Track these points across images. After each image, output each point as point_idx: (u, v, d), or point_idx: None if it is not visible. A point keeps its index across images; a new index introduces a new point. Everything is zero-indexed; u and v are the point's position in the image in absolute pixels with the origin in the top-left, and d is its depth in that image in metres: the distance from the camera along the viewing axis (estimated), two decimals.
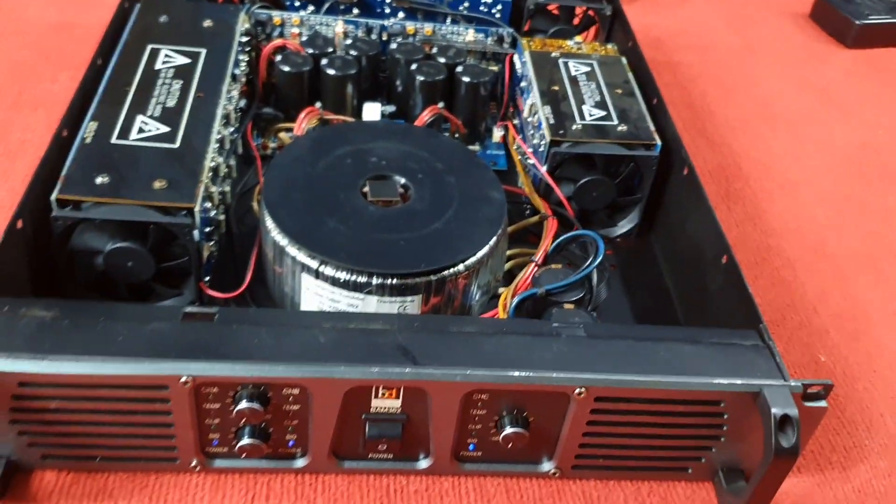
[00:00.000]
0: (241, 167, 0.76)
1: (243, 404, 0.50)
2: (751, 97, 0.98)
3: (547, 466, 0.56)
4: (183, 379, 0.48)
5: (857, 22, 1.10)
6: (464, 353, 0.52)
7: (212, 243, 0.64)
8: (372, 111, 0.79)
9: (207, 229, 0.63)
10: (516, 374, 0.51)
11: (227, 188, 0.69)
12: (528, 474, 0.57)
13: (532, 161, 0.74)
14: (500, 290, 0.67)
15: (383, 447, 0.54)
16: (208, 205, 0.63)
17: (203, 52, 0.74)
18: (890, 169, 0.90)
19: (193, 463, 0.53)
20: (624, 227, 0.76)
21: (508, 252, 0.69)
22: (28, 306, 0.51)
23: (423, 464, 0.55)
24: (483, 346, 0.52)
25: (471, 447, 0.55)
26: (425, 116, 0.75)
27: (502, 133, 0.83)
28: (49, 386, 0.48)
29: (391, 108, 0.81)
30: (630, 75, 0.80)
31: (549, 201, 0.72)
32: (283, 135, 0.78)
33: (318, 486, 0.55)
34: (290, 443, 0.54)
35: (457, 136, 0.80)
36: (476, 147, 0.82)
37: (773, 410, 0.50)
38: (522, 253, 0.70)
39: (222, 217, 0.67)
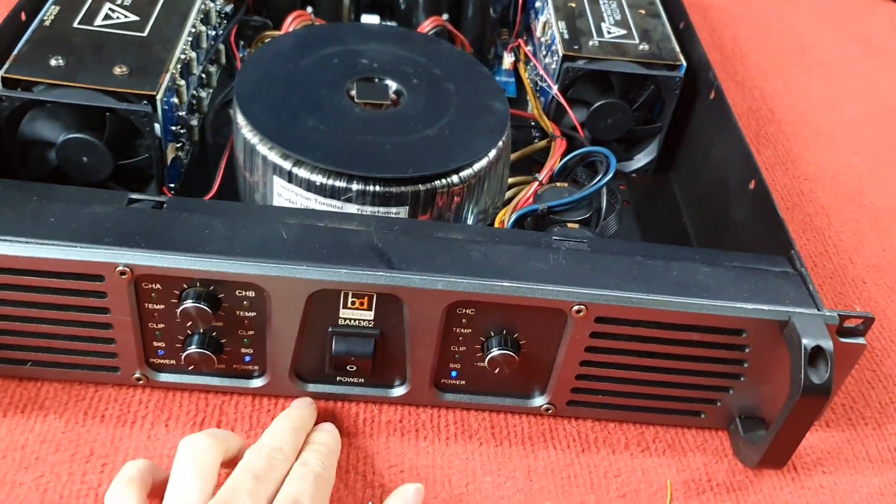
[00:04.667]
0: (224, 79, 0.69)
1: (189, 304, 0.43)
2: (786, 42, 0.91)
3: (539, 401, 0.49)
4: (120, 268, 0.42)
5: None
6: (448, 261, 0.45)
7: (179, 145, 0.58)
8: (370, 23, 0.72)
9: (174, 128, 0.57)
10: (506, 284, 0.44)
11: (205, 95, 0.63)
12: (516, 409, 0.50)
13: (545, 84, 0.67)
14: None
15: (353, 368, 0.47)
16: (175, 100, 0.56)
17: None
18: None
19: (137, 375, 0.47)
20: (641, 161, 0.69)
21: (511, 180, 0.61)
22: None
23: (398, 391, 0.49)
24: (471, 255, 0.45)
25: (453, 374, 0.48)
26: (426, 26, 0.69)
27: (513, 59, 0.76)
28: None
29: (393, 24, 0.74)
30: None
31: (559, 126, 0.65)
32: None
33: (277, 412, 0.48)
34: (246, 358, 0.47)
35: None
36: None
37: (804, 341, 0.43)
38: (526, 181, 0.63)
39: (195, 122, 0.60)
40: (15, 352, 0.46)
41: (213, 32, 0.66)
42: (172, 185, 0.57)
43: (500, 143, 0.56)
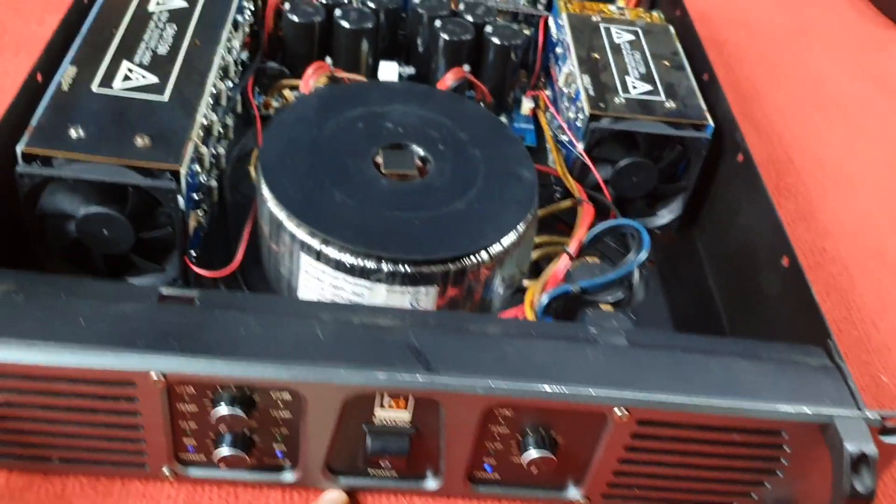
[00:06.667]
0: (240, 128, 0.68)
1: (223, 409, 0.42)
2: (802, 82, 0.90)
3: (573, 493, 0.49)
4: (153, 376, 0.41)
5: None
6: (485, 360, 0.44)
7: (200, 212, 0.56)
8: (388, 71, 0.70)
9: (196, 196, 0.55)
10: (548, 388, 0.43)
11: (222, 150, 0.61)
12: (550, 501, 0.49)
13: (567, 137, 0.66)
14: (525, 282, 0.59)
15: (386, 463, 0.46)
16: (197, 168, 0.55)
17: None
18: None
19: (165, 470, 0.46)
20: (664, 217, 0.68)
21: (536, 240, 0.61)
22: None
23: (432, 484, 0.48)
24: (508, 352, 0.45)
25: (487, 468, 0.48)
26: (449, 80, 0.67)
27: (532, 105, 0.75)
28: None
29: (410, 70, 0.73)
30: (679, 46, 0.71)
31: (583, 184, 0.64)
32: (288, 93, 0.70)
33: None
34: (279, 453, 0.46)
35: (482, 104, 0.71)
36: (502, 119, 0.74)
37: (847, 447, 0.42)
38: (551, 242, 0.62)
39: (215, 184, 0.59)
40: (40, 449, 0.45)
41: (231, 84, 0.64)
42: (194, 254, 0.56)
43: (529, 216, 0.55)
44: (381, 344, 0.44)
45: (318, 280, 0.52)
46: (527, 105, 0.75)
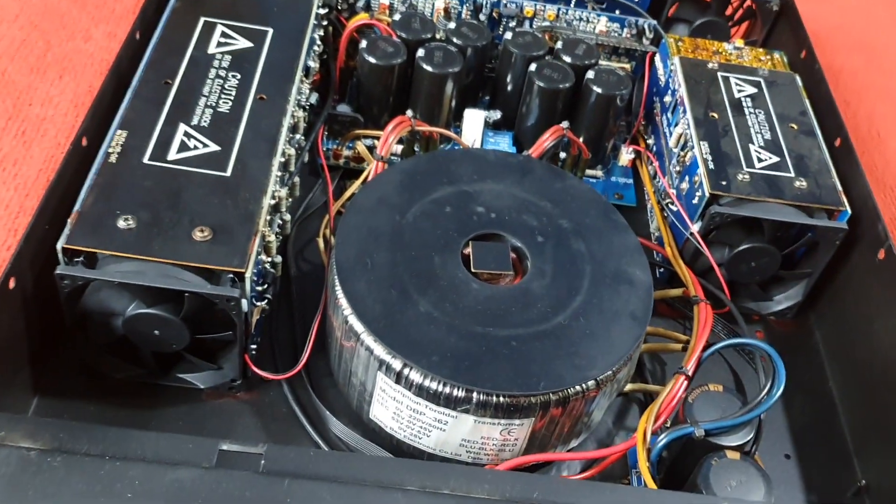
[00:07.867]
0: (304, 176, 0.60)
1: None
2: None
3: None
4: None
5: None
6: None
7: (264, 303, 0.50)
8: (474, 121, 0.62)
9: (260, 287, 0.48)
10: None
11: (287, 217, 0.54)
12: None
13: (675, 207, 0.58)
14: (627, 386, 0.52)
15: None
16: (263, 257, 0.48)
17: (270, 32, 0.58)
18: None
19: None
20: (782, 304, 0.59)
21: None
22: (9, 428, 0.37)
23: None
24: None
25: None
26: (546, 140, 0.59)
27: (632, 156, 0.66)
28: None
29: (496, 115, 0.65)
30: (807, 104, 0.62)
31: (692, 266, 0.56)
32: (360, 145, 0.62)
33: None
34: None
35: (577, 160, 0.63)
36: (598, 172, 0.66)
37: None
38: (656, 334, 0.55)
39: (279, 259, 0.52)
40: None
41: (300, 139, 0.56)
42: (254, 347, 0.49)
43: (644, 333, 0.47)
44: None
45: (395, 401, 0.45)
46: (626, 156, 0.66)
